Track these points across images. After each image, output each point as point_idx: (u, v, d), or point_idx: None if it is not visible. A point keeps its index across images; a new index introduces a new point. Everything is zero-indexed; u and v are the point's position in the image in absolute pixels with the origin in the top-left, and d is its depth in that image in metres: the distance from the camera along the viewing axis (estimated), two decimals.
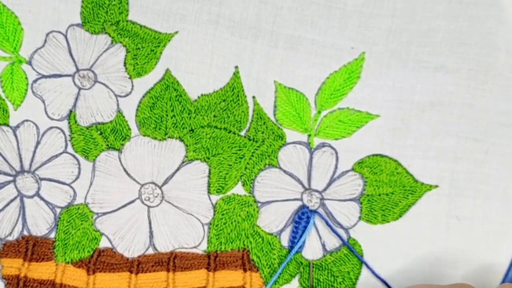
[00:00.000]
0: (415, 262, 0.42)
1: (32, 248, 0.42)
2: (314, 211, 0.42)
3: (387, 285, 0.42)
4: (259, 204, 0.42)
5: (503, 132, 0.41)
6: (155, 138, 0.42)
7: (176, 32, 0.41)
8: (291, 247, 0.42)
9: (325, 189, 0.42)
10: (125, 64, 0.41)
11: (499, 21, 0.40)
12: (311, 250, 0.42)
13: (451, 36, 0.40)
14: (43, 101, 0.41)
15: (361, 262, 0.42)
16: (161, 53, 0.41)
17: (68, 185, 0.42)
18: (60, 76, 0.41)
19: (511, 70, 0.41)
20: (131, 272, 0.42)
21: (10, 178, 0.42)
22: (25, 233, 0.42)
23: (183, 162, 0.42)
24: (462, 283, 0.38)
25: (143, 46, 0.41)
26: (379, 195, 0.42)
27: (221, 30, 0.40)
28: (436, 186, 0.42)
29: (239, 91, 0.41)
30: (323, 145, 0.42)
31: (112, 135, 0.42)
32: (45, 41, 0.41)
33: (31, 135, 0.41)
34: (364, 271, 0.42)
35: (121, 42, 0.41)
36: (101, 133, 0.42)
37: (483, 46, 0.40)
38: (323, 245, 0.42)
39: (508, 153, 0.41)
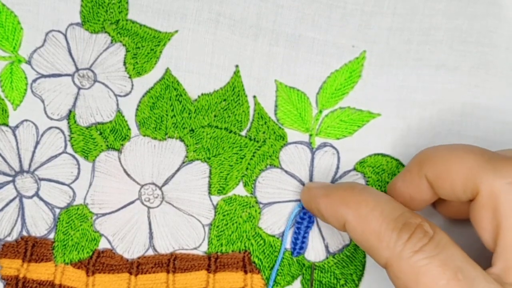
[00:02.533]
0: None
1: (31, 248, 0.41)
2: None
3: None
4: (261, 205, 0.42)
5: (504, 131, 0.41)
6: (155, 138, 0.41)
7: (176, 31, 0.40)
8: (293, 249, 0.42)
9: None
10: (124, 63, 0.41)
11: (498, 19, 0.40)
12: (314, 252, 0.42)
13: (451, 34, 0.40)
14: (43, 101, 0.41)
15: (364, 264, 0.42)
16: (161, 52, 0.41)
17: (68, 185, 0.41)
18: (59, 75, 0.41)
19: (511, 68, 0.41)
20: (130, 273, 0.41)
21: (9, 178, 0.41)
22: (24, 233, 0.42)
23: (183, 163, 0.42)
24: None
25: (143, 45, 0.41)
26: None
27: (222, 29, 0.40)
28: None
29: (239, 90, 0.41)
30: (324, 144, 0.42)
31: (111, 135, 0.41)
32: (45, 40, 0.40)
33: (31, 135, 0.41)
34: (367, 273, 0.42)
35: (120, 41, 0.40)
36: (100, 133, 0.41)
37: (484, 44, 0.40)
38: (326, 247, 0.42)
39: None
